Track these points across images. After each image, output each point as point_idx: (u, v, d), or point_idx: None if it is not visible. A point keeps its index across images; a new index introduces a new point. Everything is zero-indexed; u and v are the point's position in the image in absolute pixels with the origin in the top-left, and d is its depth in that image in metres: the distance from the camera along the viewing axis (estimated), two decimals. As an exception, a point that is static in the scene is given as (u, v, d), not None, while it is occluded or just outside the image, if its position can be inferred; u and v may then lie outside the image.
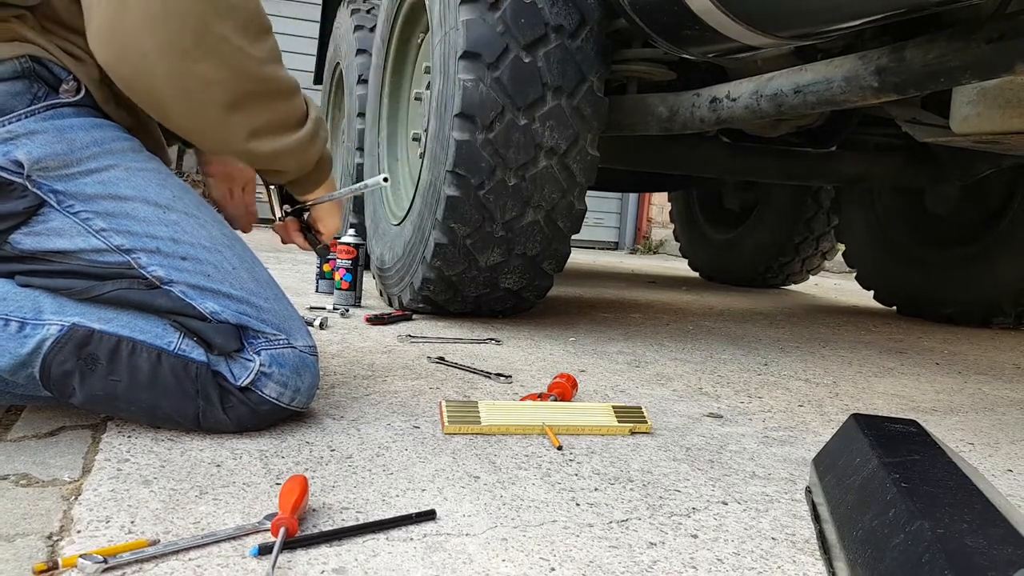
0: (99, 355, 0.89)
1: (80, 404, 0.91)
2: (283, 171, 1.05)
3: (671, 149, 2.53)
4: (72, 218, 0.89)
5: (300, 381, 0.97)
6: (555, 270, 1.97)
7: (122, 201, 0.91)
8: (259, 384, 0.94)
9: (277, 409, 0.96)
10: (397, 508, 0.77)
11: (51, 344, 0.87)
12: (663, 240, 7.12)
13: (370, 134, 2.57)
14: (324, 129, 1.05)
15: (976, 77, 1.23)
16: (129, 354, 0.89)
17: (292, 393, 0.97)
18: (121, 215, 0.91)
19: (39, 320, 0.88)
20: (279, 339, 0.96)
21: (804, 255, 3.75)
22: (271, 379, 0.94)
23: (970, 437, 1.25)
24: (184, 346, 0.92)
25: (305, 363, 0.98)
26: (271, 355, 0.95)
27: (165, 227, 0.92)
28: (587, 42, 1.75)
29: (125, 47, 0.85)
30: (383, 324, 1.89)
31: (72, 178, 0.90)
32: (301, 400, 0.98)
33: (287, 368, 0.96)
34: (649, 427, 1.11)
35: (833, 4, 1.20)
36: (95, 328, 0.89)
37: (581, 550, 0.71)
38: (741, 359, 1.82)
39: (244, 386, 0.93)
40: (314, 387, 1.01)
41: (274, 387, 0.95)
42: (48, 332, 0.88)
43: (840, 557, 0.67)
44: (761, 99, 1.58)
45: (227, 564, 0.63)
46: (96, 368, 0.89)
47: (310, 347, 1.00)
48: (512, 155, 1.73)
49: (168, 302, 0.91)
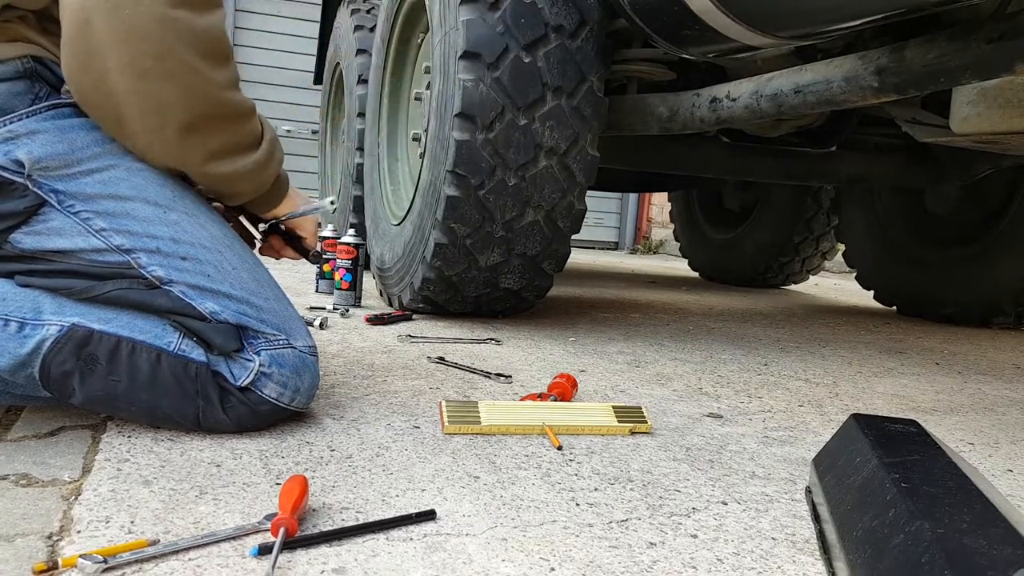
0: (99, 355, 0.89)
1: (80, 404, 0.91)
2: (240, 192, 1.05)
3: (671, 149, 2.53)
4: (72, 218, 0.89)
5: (300, 381, 0.97)
6: (555, 270, 1.97)
7: (122, 201, 0.91)
8: (259, 384, 0.94)
9: (277, 409, 0.96)
10: (397, 508, 0.77)
11: (51, 344, 0.87)
12: (663, 240, 7.13)
13: (370, 134, 2.57)
14: (279, 149, 1.07)
15: (976, 77, 1.23)
16: (129, 354, 0.89)
17: (292, 393, 0.97)
18: (121, 215, 0.91)
19: (39, 320, 0.88)
20: (279, 339, 0.96)
21: (804, 255, 3.75)
22: (271, 379, 0.94)
23: (970, 437, 1.25)
24: (184, 346, 0.92)
25: (305, 363, 0.98)
26: (271, 355, 0.95)
27: (165, 227, 0.92)
28: (587, 42, 1.75)
29: (89, 63, 0.86)
30: (383, 324, 1.89)
31: (73, 178, 0.90)
32: (301, 400, 0.99)
33: (287, 368, 0.96)
34: (649, 427, 1.11)
35: (833, 4, 1.20)
36: (95, 328, 0.89)
37: (581, 550, 0.71)
38: (741, 359, 1.82)
39: (244, 386, 0.93)
40: (314, 387, 1.01)
41: (274, 387, 0.95)
42: (48, 332, 0.88)
43: (840, 557, 0.67)
44: (761, 99, 1.58)
45: (227, 564, 0.63)
46: (96, 368, 0.89)
47: (310, 347, 1.00)
48: (512, 155, 1.73)
49: (168, 302, 0.91)
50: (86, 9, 0.84)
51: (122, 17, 0.84)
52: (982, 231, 2.77)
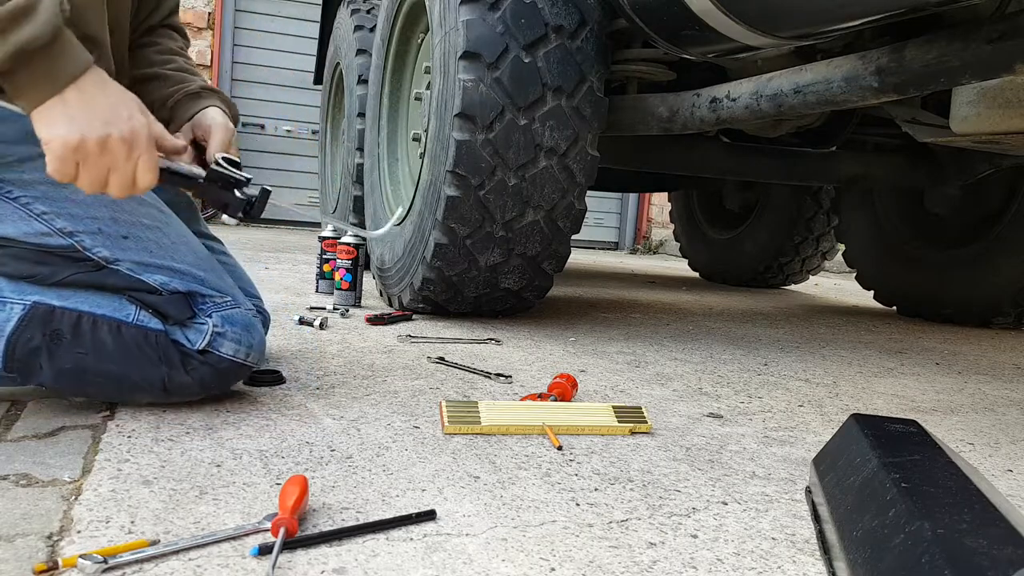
0: (63, 330, 0.93)
1: (50, 382, 0.94)
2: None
3: (671, 149, 2.53)
4: (12, 203, 0.92)
5: (251, 337, 1.04)
6: (555, 270, 1.97)
7: (60, 186, 0.91)
8: (216, 344, 1.00)
9: (235, 365, 1.02)
10: (397, 508, 0.77)
11: (16, 322, 0.91)
12: (663, 240, 7.13)
13: (370, 134, 2.57)
14: (45, 8, 0.74)
15: (976, 77, 1.23)
16: (91, 328, 0.94)
17: (246, 349, 1.03)
18: (61, 199, 0.93)
19: (1, 298, 0.92)
20: (226, 300, 1.03)
21: (804, 255, 3.75)
22: (225, 338, 1.01)
23: (970, 437, 1.25)
24: (141, 317, 0.97)
25: (251, 322, 1.05)
26: (222, 316, 1.01)
27: (104, 207, 0.95)
28: (587, 42, 1.75)
29: None
30: (383, 324, 1.89)
31: (8, 167, 0.92)
32: (255, 356, 1.05)
33: (238, 326, 1.02)
34: (649, 427, 1.11)
35: (833, 4, 1.20)
36: (55, 305, 0.93)
37: (581, 550, 0.71)
38: (741, 359, 1.82)
39: (202, 349, 0.99)
40: (263, 344, 1.08)
41: (230, 345, 1.01)
42: (12, 311, 0.91)
43: (840, 557, 0.67)
44: (761, 99, 1.58)
45: (227, 564, 0.63)
46: (62, 342, 0.93)
47: (251, 309, 1.08)
48: (512, 155, 1.73)
49: (118, 280, 0.96)
50: None
51: None
52: (982, 231, 2.77)
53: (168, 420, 0.99)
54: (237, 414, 1.03)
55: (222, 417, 1.02)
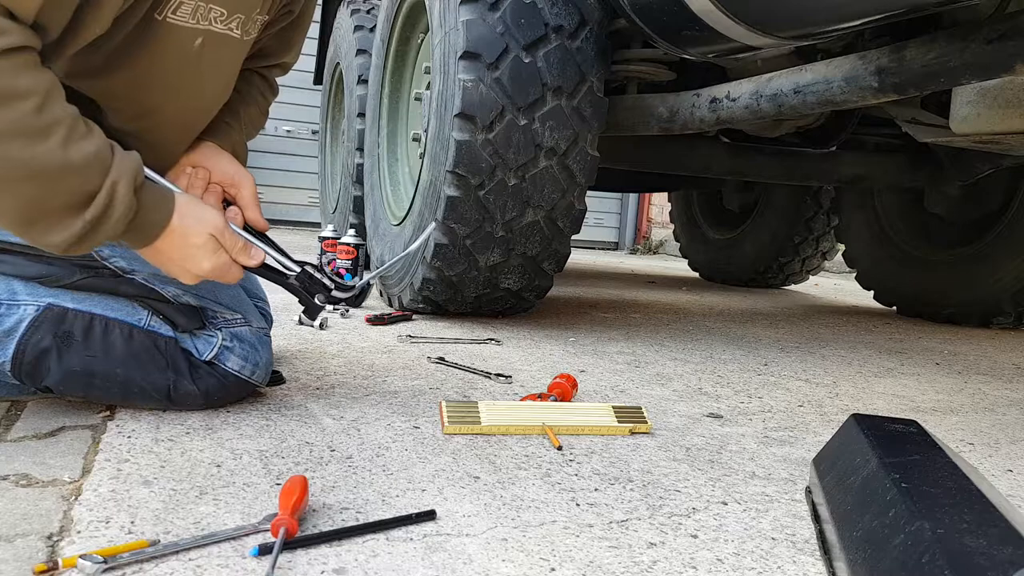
0: (74, 332, 0.94)
1: (56, 384, 0.94)
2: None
3: (671, 149, 2.53)
4: None
5: (259, 356, 1.05)
6: (555, 270, 1.97)
7: None
8: (223, 357, 1.02)
9: (241, 382, 1.04)
10: (397, 508, 0.77)
11: (28, 323, 0.92)
12: (663, 240, 7.12)
13: (370, 134, 2.57)
14: (120, 200, 0.79)
15: (976, 77, 1.23)
16: (103, 330, 0.95)
17: (252, 367, 1.04)
18: None
19: (14, 301, 0.92)
20: (236, 318, 1.05)
21: (804, 255, 3.75)
22: (233, 352, 1.03)
23: (970, 437, 1.25)
24: (153, 322, 0.99)
25: (261, 340, 1.07)
26: (231, 332, 1.04)
27: None
28: (587, 42, 1.75)
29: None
30: (383, 324, 1.89)
31: None
32: (260, 375, 1.06)
33: (247, 343, 1.04)
34: (649, 427, 1.11)
35: (833, 4, 1.20)
36: (69, 307, 0.95)
37: (581, 550, 0.71)
38: (741, 359, 1.82)
39: (209, 360, 1.01)
40: (270, 364, 1.09)
41: (236, 360, 1.03)
42: (25, 312, 0.92)
43: (840, 557, 0.67)
44: (761, 99, 1.58)
45: (227, 564, 0.63)
46: (72, 344, 0.93)
47: (263, 329, 1.09)
48: (512, 155, 1.73)
49: (133, 288, 0.99)
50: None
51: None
52: (982, 231, 2.77)
53: (168, 420, 0.99)
54: (237, 414, 1.03)
55: (222, 417, 1.02)
